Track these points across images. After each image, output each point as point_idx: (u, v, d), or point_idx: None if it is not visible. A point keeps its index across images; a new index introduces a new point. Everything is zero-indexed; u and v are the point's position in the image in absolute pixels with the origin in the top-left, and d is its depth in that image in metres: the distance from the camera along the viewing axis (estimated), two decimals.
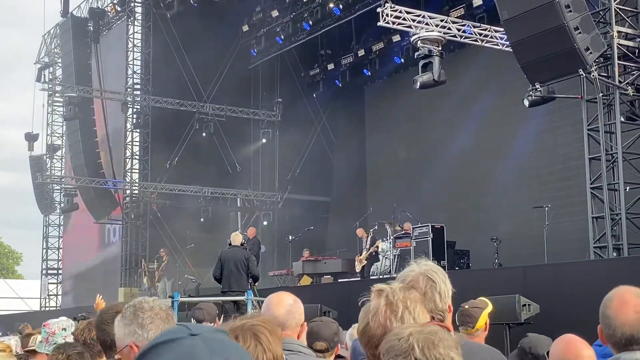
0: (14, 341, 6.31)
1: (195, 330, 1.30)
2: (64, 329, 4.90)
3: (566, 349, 3.17)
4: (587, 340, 3.42)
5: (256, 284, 13.36)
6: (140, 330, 2.77)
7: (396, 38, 22.71)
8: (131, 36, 26.29)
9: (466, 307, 5.00)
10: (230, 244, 13.16)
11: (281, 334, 2.46)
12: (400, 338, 1.92)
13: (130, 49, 26.20)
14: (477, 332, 4.79)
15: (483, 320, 4.91)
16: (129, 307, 2.88)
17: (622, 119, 13.74)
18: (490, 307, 5.03)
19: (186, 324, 1.34)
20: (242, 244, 13.29)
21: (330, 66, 25.52)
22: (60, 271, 30.70)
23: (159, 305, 2.87)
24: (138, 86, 26.06)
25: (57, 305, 30.21)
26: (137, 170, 25.95)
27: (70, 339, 4.78)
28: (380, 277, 16.64)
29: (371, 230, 18.50)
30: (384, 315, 2.34)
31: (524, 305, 10.15)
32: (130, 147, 26.09)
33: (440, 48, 15.87)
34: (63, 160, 30.19)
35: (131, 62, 26.19)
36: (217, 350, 1.27)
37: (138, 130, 25.90)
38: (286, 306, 3.39)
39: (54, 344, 4.76)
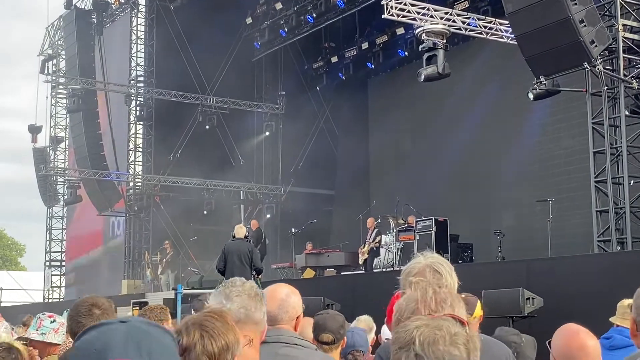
0: (2, 329, 6.28)
1: (126, 320, 1.41)
2: (54, 321, 4.93)
3: (570, 338, 3.11)
4: (592, 333, 3.39)
5: (259, 276, 13.38)
6: (225, 301, 2.88)
7: (400, 31, 22.66)
8: (135, 28, 26.29)
9: (463, 295, 5.01)
10: (234, 237, 13.18)
11: (231, 320, 2.45)
12: (406, 330, 1.91)
13: (133, 41, 26.20)
14: (474, 319, 4.81)
15: (479, 309, 4.94)
16: (224, 283, 3.05)
17: (627, 113, 13.70)
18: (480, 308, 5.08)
19: (132, 317, 1.45)
20: (246, 237, 13.31)
21: (334, 59, 25.48)
22: (63, 263, 30.76)
23: (251, 285, 2.98)
24: (141, 78, 26.07)
25: (60, 297, 30.27)
26: (140, 163, 25.97)
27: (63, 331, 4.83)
28: (384, 270, 16.65)
29: (375, 223, 18.49)
30: (435, 302, 2.29)
31: (528, 298, 10.17)
32: (133, 139, 26.11)
33: (444, 41, 15.83)
34: (66, 152, 30.21)
35: (135, 55, 26.19)
36: (134, 337, 1.36)
37: (141, 123, 25.91)
38: (278, 301, 3.36)
39: (43, 334, 4.80)
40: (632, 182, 13.50)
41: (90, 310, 3.64)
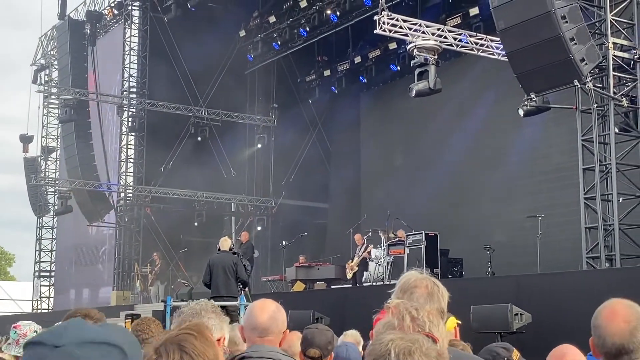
0: None
1: (62, 341, 1.32)
2: (36, 331, 4.90)
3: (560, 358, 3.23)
4: (579, 350, 3.46)
5: (246, 289, 13.33)
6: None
7: (392, 46, 22.78)
8: (128, 39, 26.33)
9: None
10: (219, 249, 13.17)
11: (211, 336, 2.46)
12: (380, 342, 1.98)
13: (126, 52, 26.22)
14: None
15: (450, 324, 4.94)
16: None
17: (617, 130, 13.80)
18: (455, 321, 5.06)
19: (70, 329, 1.35)
20: (231, 249, 13.26)
21: (327, 72, 25.57)
22: (52, 273, 30.65)
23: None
24: (134, 89, 26.08)
25: (49, 307, 30.14)
26: (131, 174, 25.94)
27: None
28: (374, 284, 16.67)
29: (365, 237, 18.53)
30: (412, 331, 2.37)
31: (517, 314, 10.21)
32: (125, 150, 26.09)
33: (436, 56, 15.94)
34: (57, 162, 30.15)
35: (127, 66, 26.21)
36: None
37: (133, 134, 25.90)
38: (269, 312, 3.40)
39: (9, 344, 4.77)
40: (621, 199, 13.59)
41: None
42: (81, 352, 1.30)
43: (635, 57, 13.98)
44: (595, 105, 13.76)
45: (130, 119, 25.70)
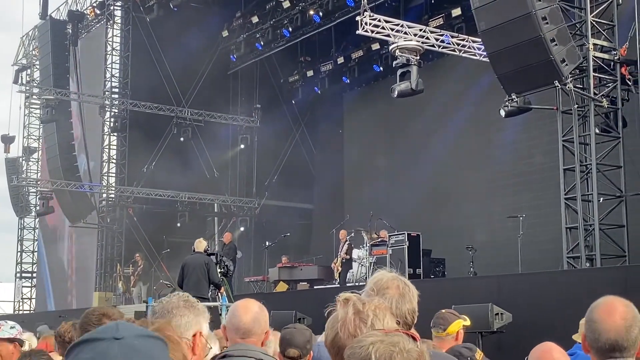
0: None
1: (120, 334, 1.40)
2: (13, 327, 4.94)
3: (542, 357, 3.23)
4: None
5: (221, 290, 13.30)
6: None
7: (375, 46, 22.82)
8: (110, 39, 26.21)
9: (443, 311, 5.05)
10: (194, 250, 13.18)
11: (176, 338, 2.46)
12: (361, 346, 1.95)
13: (109, 53, 26.11)
14: (447, 336, 4.82)
15: (455, 327, 4.93)
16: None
17: (597, 131, 13.90)
18: (467, 322, 5.05)
19: (123, 325, 1.44)
20: (205, 250, 13.27)
21: (310, 73, 25.57)
22: (34, 274, 30.46)
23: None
24: (116, 89, 25.97)
25: (31, 308, 29.95)
26: (113, 174, 25.83)
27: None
28: (357, 284, 16.67)
29: (348, 237, 18.55)
30: (353, 324, 2.35)
31: (497, 314, 10.25)
32: (107, 150, 25.97)
33: (418, 57, 15.98)
34: (39, 163, 29.98)
35: (110, 66, 26.10)
36: (129, 357, 1.36)
37: (115, 134, 25.79)
38: (253, 313, 3.41)
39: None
40: (601, 199, 13.68)
41: (100, 320, 3.64)
42: (139, 343, 1.40)
43: (615, 58, 14.09)
44: (576, 106, 13.85)
45: (112, 119, 25.58)
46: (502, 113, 14.96)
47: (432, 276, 16.63)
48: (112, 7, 26.11)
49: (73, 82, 26.26)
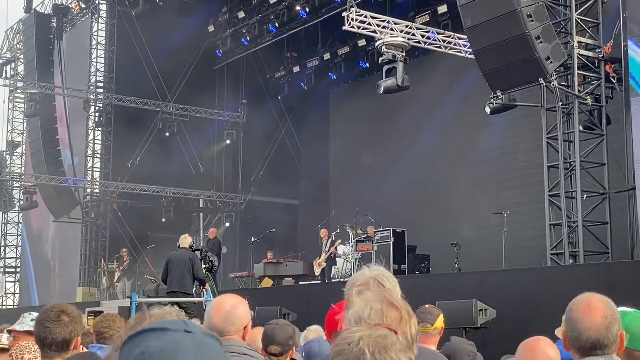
0: None
1: (190, 328, 1.37)
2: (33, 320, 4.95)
3: (532, 352, 3.22)
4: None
5: (205, 286, 13.29)
6: None
7: (362, 42, 22.80)
8: (95, 33, 26.06)
9: (427, 306, 5.09)
10: (178, 246, 13.16)
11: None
12: (350, 342, 1.91)
13: (94, 47, 25.96)
14: (434, 330, 4.85)
15: (441, 321, 4.99)
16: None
17: (581, 128, 13.97)
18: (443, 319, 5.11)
19: (188, 322, 1.42)
20: (190, 246, 13.26)
21: (296, 69, 25.53)
22: (18, 269, 30.29)
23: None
24: (101, 84, 25.83)
25: (15, 303, 29.80)
26: (98, 169, 25.71)
27: None
28: (342, 280, 16.69)
29: (333, 233, 18.56)
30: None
31: (481, 310, 10.30)
32: (92, 145, 25.84)
33: (404, 54, 16.00)
34: (23, 157, 29.80)
35: (94, 60, 25.95)
36: (203, 352, 1.34)
37: (100, 129, 25.66)
38: (223, 314, 3.39)
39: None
40: (584, 196, 13.76)
41: (58, 317, 3.64)
42: (208, 341, 1.38)
43: (600, 55, 14.16)
44: (560, 103, 13.93)
45: (97, 114, 25.45)
46: (487, 110, 15.02)
47: (417, 272, 16.67)
48: (97, 1, 25.95)
49: (57, 76, 26.09)
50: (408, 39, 16.47)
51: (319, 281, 17.92)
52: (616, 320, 2.67)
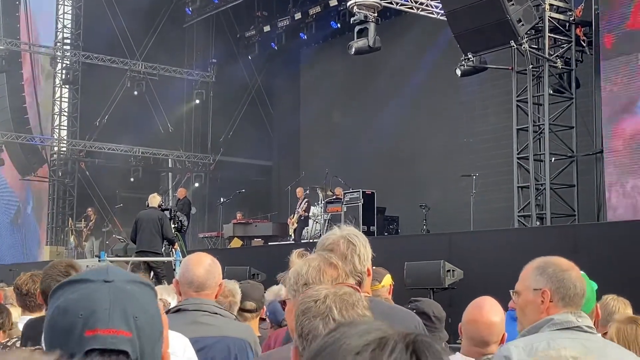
0: None
1: (110, 277, 1.36)
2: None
3: (478, 312, 3.29)
4: (507, 304, 3.55)
5: (174, 246, 13.26)
6: None
7: (333, 2, 22.56)
8: None
9: (374, 268, 5.19)
10: (147, 206, 13.08)
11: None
12: (316, 300, 1.93)
13: (60, 2, 25.43)
14: (382, 288, 4.94)
15: (388, 280, 5.09)
16: None
17: (551, 91, 14.06)
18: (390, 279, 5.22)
19: (112, 269, 1.41)
20: (160, 206, 13.19)
21: (267, 28, 25.24)
22: None
23: None
24: (68, 41, 25.37)
25: None
26: (65, 127, 25.37)
27: None
28: (311, 240, 16.75)
29: (305, 194, 18.58)
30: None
31: (449, 270, 10.41)
32: (58, 103, 25.46)
33: (376, 14, 15.90)
34: None
35: (61, 16, 25.45)
36: (119, 300, 1.33)
37: (67, 87, 25.27)
38: (205, 266, 3.40)
39: None
40: (552, 159, 13.90)
41: (68, 271, 3.63)
42: (130, 288, 1.37)
43: (571, 19, 14.20)
44: (531, 66, 13.97)
45: (64, 71, 25.04)
46: (458, 72, 15.02)
47: (385, 233, 16.78)
48: None
49: (24, 32, 25.57)
50: (380, 0, 16.34)
51: (293, 241, 17.96)
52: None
